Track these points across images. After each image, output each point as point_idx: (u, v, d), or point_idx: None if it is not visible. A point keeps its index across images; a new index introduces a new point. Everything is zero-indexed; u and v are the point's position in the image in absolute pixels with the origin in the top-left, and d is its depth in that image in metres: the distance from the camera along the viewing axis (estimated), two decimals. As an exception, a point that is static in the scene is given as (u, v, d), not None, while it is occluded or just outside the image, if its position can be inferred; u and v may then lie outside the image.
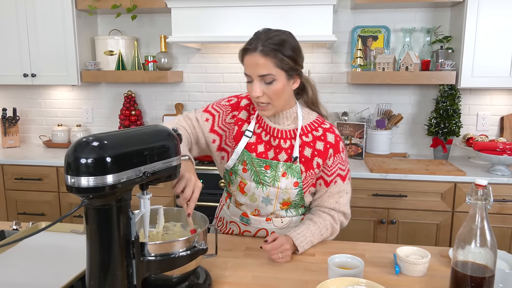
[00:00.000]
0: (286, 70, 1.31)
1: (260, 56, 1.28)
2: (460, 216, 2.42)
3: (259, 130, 1.47)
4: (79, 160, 0.89)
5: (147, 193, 1.07)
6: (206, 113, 1.51)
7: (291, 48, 1.30)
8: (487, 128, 2.93)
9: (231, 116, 1.49)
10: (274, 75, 1.29)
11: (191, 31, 2.60)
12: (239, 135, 1.47)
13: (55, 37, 2.87)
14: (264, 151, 1.45)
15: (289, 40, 1.31)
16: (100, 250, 0.95)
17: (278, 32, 1.32)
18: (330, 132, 1.45)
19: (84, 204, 0.93)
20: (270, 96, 1.33)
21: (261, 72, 1.29)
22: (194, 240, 1.08)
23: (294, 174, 1.42)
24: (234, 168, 1.47)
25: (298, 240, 1.36)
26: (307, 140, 1.43)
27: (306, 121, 1.45)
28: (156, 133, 1.05)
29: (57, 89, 3.29)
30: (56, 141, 3.19)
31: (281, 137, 1.44)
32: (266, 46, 1.27)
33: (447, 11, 2.85)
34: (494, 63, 2.56)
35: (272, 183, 1.42)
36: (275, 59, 1.28)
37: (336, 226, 1.48)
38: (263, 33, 1.31)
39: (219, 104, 1.53)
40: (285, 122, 1.45)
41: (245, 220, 1.52)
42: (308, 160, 1.43)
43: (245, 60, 1.33)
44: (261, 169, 1.43)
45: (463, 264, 1.00)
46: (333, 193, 1.46)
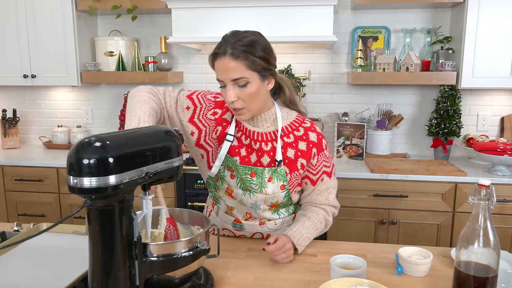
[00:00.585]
0: (258, 71, 1.26)
1: (231, 60, 1.24)
2: (461, 217, 2.42)
3: (239, 134, 1.42)
4: (82, 160, 0.88)
5: (149, 193, 1.06)
6: (189, 100, 1.43)
7: (261, 48, 1.26)
8: (487, 129, 2.93)
9: (212, 113, 1.42)
10: (247, 77, 1.25)
11: (191, 32, 2.60)
12: (222, 136, 1.42)
13: (55, 38, 2.87)
14: (247, 155, 1.40)
15: (258, 40, 1.27)
16: (102, 251, 0.95)
17: (246, 33, 1.28)
18: (311, 131, 1.42)
19: (87, 205, 0.92)
20: (245, 99, 1.28)
21: (233, 76, 1.25)
22: (197, 240, 1.07)
23: (280, 178, 1.39)
24: (220, 174, 1.42)
25: (296, 238, 1.35)
26: (289, 140, 1.40)
27: (286, 122, 1.42)
28: (158, 133, 1.05)
29: (57, 90, 3.29)
30: (56, 142, 3.19)
31: (262, 140, 1.40)
32: (236, 49, 1.23)
33: (448, 12, 2.85)
34: (494, 64, 2.56)
35: (259, 190, 1.39)
36: (246, 61, 1.24)
37: (329, 218, 1.48)
38: (231, 36, 1.27)
39: (205, 96, 1.45)
40: (265, 125, 1.40)
41: (238, 226, 1.50)
42: (291, 162, 1.40)
43: (216, 65, 1.29)
44: (246, 177, 1.39)
45: (466, 264, 1.00)
46: (321, 190, 1.46)
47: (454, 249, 1.37)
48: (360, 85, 2.99)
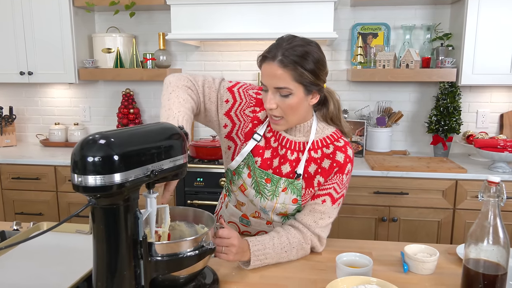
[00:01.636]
0: (305, 85, 1.20)
1: (278, 67, 1.17)
2: (461, 213, 2.42)
3: (269, 135, 1.37)
4: (86, 158, 0.86)
5: (153, 192, 1.05)
6: (230, 93, 1.37)
7: (313, 61, 1.19)
8: (486, 126, 2.93)
9: (252, 110, 1.37)
10: (291, 89, 1.19)
11: (190, 28, 2.58)
12: (250, 133, 1.37)
13: (52, 35, 2.83)
14: (270, 158, 1.35)
15: (312, 53, 1.19)
16: (107, 250, 0.93)
17: (302, 41, 1.20)
18: (341, 152, 1.32)
19: (91, 204, 0.90)
20: (284, 110, 1.23)
21: (277, 84, 1.19)
22: (202, 239, 1.06)
23: (295, 191, 1.33)
24: (238, 169, 1.38)
25: (255, 247, 1.23)
26: (315, 156, 1.33)
27: (319, 136, 1.34)
28: (163, 130, 1.03)
29: (54, 87, 3.25)
30: (53, 140, 3.15)
31: (289, 148, 1.34)
32: (286, 57, 1.17)
33: (447, 9, 2.84)
34: (494, 61, 2.55)
35: (271, 198, 1.34)
36: (294, 72, 1.17)
37: (306, 246, 1.33)
38: (286, 41, 1.20)
39: (247, 91, 1.39)
40: (297, 134, 1.35)
41: (245, 221, 1.47)
42: (310, 177, 1.33)
43: (262, 68, 1.23)
44: (261, 181, 1.34)
45: (475, 261, 0.99)
46: (315, 210, 1.33)
47: (459, 246, 1.36)
48: (360, 82, 2.98)
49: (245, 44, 3.02)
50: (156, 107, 3.20)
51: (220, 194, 1.70)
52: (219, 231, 1.17)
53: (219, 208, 1.62)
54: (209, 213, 1.19)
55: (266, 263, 1.25)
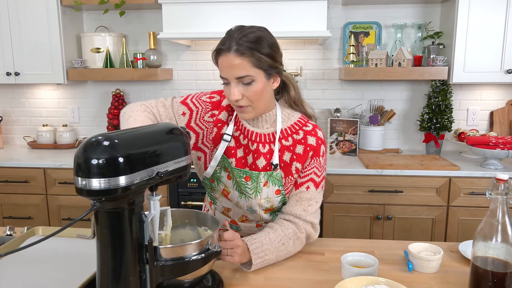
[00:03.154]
0: (264, 69, 1.21)
1: (235, 56, 1.17)
2: (455, 211, 2.43)
3: (237, 133, 1.36)
4: (90, 161, 0.83)
5: (156, 194, 1.02)
6: (183, 105, 1.38)
7: (268, 45, 1.20)
8: (477, 123, 2.96)
9: (210, 115, 1.38)
10: (252, 75, 1.19)
11: (182, 27, 2.54)
12: (218, 138, 1.37)
13: (39, 34, 2.77)
14: (243, 156, 1.35)
15: (265, 36, 1.20)
16: (112, 255, 0.90)
17: (252, 28, 1.21)
18: (311, 135, 1.33)
19: (96, 208, 0.87)
20: (249, 98, 1.22)
21: (238, 74, 1.19)
22: (208, 242, 1.03)
23: (275, 182, 1.32)
24: (216, 175, 1.37)
25: (253, 246, 1.21)
26: (287, 144, 1.33)
27: (286, 124, 1.35)
28: (167, 131, 1.00)
29: (41, 88, 3.18)
30: (41, 142, 3.08)
31: (259, 141, 1.33)
32: (241, 45, 1.17)
33: (437, 7, 2.86)
34: (485, 59, 2.58)
35: (254, 195, 1.33)
36: (252, 58, 1.18)
37: (301, 236, 1.32)
38: (236, 31, 1.21)
39: (199, 98, 1.40)
40: (264, 125, 1.34)
41: (235, 227, 1.46)
42: (286, 165, 1.33)
43: (220, 62, 1.22)
44: (241, 180, 1.33)
45: (483, 259, 0.99)
46: (302, 199, 1.33)
47: (462, 244, 1.36)
48: (352, 81, 2.98)
49: (236, 43, 2.99)
50: (146, 107, 3.15)
51: None
52: (224, 234, 1.15)
53: None
54: (213, 216, 1.17)
55: (266, 260, 1.24)
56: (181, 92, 3.11)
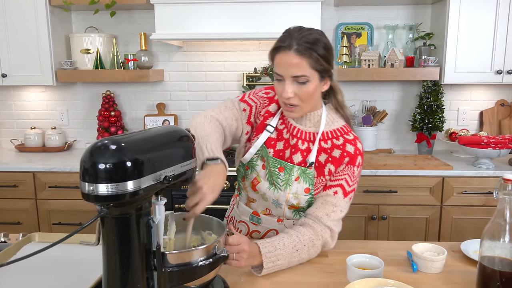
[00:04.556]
0: (319, 71, 1.24)
1: (295, 55, 1.20)
2: (448, 210, 2.46)
3: (281, 127, 1.39)
4: (97, 165, 0.81)
5: (161, 198, 1.00)
6: (243, 102, 1.43)
7: (325, 48, 1.23)
8: (467, 123, 3.00)
9: (266, 111, 1.41)
10: (308, 76, 1.22)
11: (175, 28, 2.51)
12: (261, 127, 1.40)
13: (27, 35, 2.71)
14: (282, 149, 1.38)
15: (323, 39, 1.24)
16: (119, 262, 0.88)
17: (311, 30, 1.24)
18: (351, 144, 1.34)
19: (103, 214, 0.85)
20: (301, 97, 1.25)
21: (295, 73, 1.22)
22: (215, 247, 1.02)
23: (307, 180, 1.34)
24: (252, 163, 1.40)
25: (266, 249, 1.20)
26: (325, 146, 1.35)
27: (329, 127, 1.36)
28: (173, 134, 0.98)
29: (29, 90, 3.11)
30: (29, 145, 3.02)
31: (300, 138, 1.37)
32: (301, 45, 1.20)
33: (428, 8, 2.89)
34: (475, 59, 2.61)
35: (284, 187, 1.35)
36: (310, 59, 1.21)
37: (317, 243, 1.29)
38: (297, 31, 1.23)
39: (257, 94, 1.44)
40: (307, 124, 1.37)
41: (256, 219, 1.45)
42: (320, 166, 1.34)
43: (277, 59, 1.25)
44: (275, 170, 1.36)
45: (491, 259, 0.99)
46: (327, 203, 1.32)
47: (464, 243, 1.37)
48: (344, 82, 2.98)
49: (229, 44, 2.98)
50: (137, 109, 3.12)
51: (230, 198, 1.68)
52: (229, 238, 1.13)
53: (230, 210, 1.60)
54: (218, 220, 1.15)
55: (278, 265, 1.22)
56: (173, 94, 3.08)
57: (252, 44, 2.96)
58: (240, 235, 1.17)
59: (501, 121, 2.93)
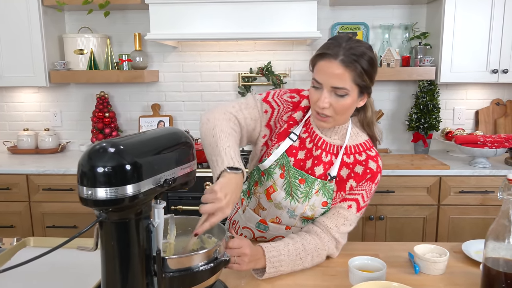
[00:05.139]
0: (360, 86, 1.18)
1: (340, 66, 1.14)
2: (445, 209, 2.46)
3: (304, 135, 1.33)
4: (96, 169, 0.79)
5: (160, 201, 0.97)
6: (266, 103, 1.35)
7: (370, 63, 1.17)
8: (463, 122, 3.00)
9: (288, 116, 1.34)
10: (348, 89, 1.16)
11: (170, 28, 2.49)
12: (284, 134, 1.33)
13: (20, 35, 2.67)
14: (303, 159, 1.32)
15: (371, 55, 1.18)
16: (119, 268, 0.86)
17: (360, 43, 1.19)
18: (373, 161, 1.30)
19: (102, 219, 0.83)
20: (336, 110, 1.20)
21: (336, 84, 1.16)
22: (216, 251, 1.00)
23: (326, 193, 1.30)
24: (269, 170, 1.32)
25: (270, 253, 1.17)
26: (348, 161, 1.30)
27: (352, 142, 1.32)
28: (172, 136, 0.96)
29: (22, 91, 3.07)
30: (22, 147, 2.98)
31: (324, 149, 1.31)
32: (348, 56, 1.14)
33: (423, 8, 2.89)
34: (471, 59, 2.61)
35: (302, 200, 1.30)
36: (354, 73, 1.15)
37: (322, 253, 1.27)
38: (345, 40, 1.17)
39: (281, 97, 1.36)
40: (333, 136, 1.31)
41: (263, 227, 1.41)
42: (342, 181, 1.31)
43: (320, 65, 1.18)
44: (295, 181, 1.30)
45: (495, 260, 0.98)
46: (339, 214, 1.30)
47: (465, 244, 1.36)
48: (340, 82, 2.97)
49: (224, 45, 2.96)
50: (132, 110, 3.08)
51: None
52: (229, 242, 1.11)
53: (234, 213, 1.54)
54: (220, 224, 1.12)
55: (280, 271, 1.20)
56: (168, 94, 3.05)
57: (248, 44, 2.94)
58: (241, 238, 1.15)
59: (497, 120, 2.94)
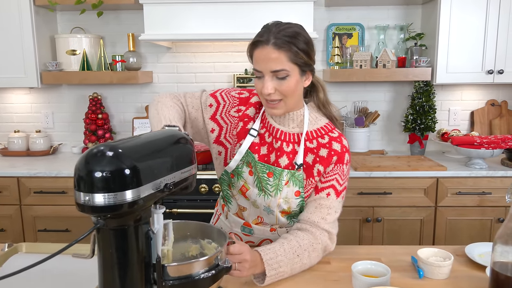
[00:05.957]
0: (299, 65, 1.20)
1: (273, 49, 1.16)
2: (443, 211, 2.44)
3: (262, 131, 1.34)
4: (93, 173, 0.75)
5: (159, 206, 0.94)
6: (212, 98, 1.38)
7: (304, 42, 1.19)
8: (458, 123, 3.00)
9: (237, 110, 1.37)
10: (287, 70, 1.18)
11: (164, 29, 2.45)
12: (243, 132, 1.34)
13: (11, 35, 2.61)
14: (267, 154, 1.32)
15: (302, 33, 1.21)
16: (118, 276, 0.82)
17: (289, 24, 1.21)
18: (337, 142, 1.30)
19: (99, 225, 0.79)
20: (282, 92, 1.21)
21: (274, 67, 1.18)
22: (217, 257, 0.96)
23: (296, 183, 1.30)
24: (237, 170, 1.33)
25: (267, 256, 1.15)
26: (311, 146, 1.30)
27: (312, 126, 1.32)
28: (171, 138, 0.93)
29: (12, 92, 3.01)
30: (13, 149, 2.92)
31: (284, 140, 1.31)
32: (279, 39, 1.16)
33: (418, 9, 2.88)
34: (466, 60, 2.61)
35: (274, 193, 1.30)
36: (289, 53, 1.17)
37: (318, 247, 1.26)
38: (274, 25, 1.20)
39: (228, 93, 1.40)
40: (291, 124, 1.32)
41: (248, 230, 1.40)
42: (309, 167, 1.30)
43: (256, 54, 1.21)
44: (263, 176, 1.30)
45: (503, 265, 0.96)
46: (321, 206, 1.29)
47: (468, 247, 1.35)
48: (336, 83, 2.96)
49: (218, 45, 2.92)
50: (125, 111, 3.04)
51: (213, 202, 1.60)
52: (230, 248, 1.08)
53: (215, 221, 1.52)
54: (219, 228, 1.09)
55: (281, 272, 1.17)
56: (162, 96, 3.01)
57: (243, 45, 2.91)
58: (242, 243, 1.12)
59: (492, 121, 2.94)
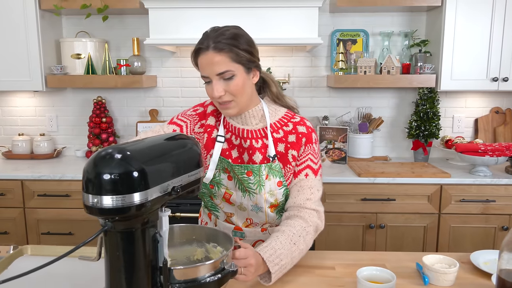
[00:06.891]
0: (243, 64, 1.24)
1: (215, 53, 1.21)
2: (446, 218, 2.44)
3: (228, 135, 1.38)
4: (102, 176, 0.76)
5: (165, 209, 0.94)
6: (172, 124, 1.41)
7: (244, 41, 1.24)
8: (462, 130, 3.00)
9: (200, 126, 1.41)
10: (232, 70, 1.23)
11: (169, 33, 2.46)
12: (210, 142, 1.38)
13: (16, 39, 2.62)
14: (239, 156, 1.37)
15: (241, 33, 1.25)
16: (125, 279, 0.82)
17: (227, 27, 1.26)
18: (301, 125, 1.36)
19: (107, 228, 0.79)
20: (232, 92, 1.25)
21: (218, 70, 1.22)
22: (223, 261, 0.96)
23: (276, 174, 1.34)
24: (215, 179, 1.37)
25: (267, 254, 1.17)
26: (278, 136, 1.36)
27: (274, 118, 1.37)
28: (180, 142, 0.93)
29: (17, 95, 3.02)
30: (17, 152, 2.92)
31: (252, 137, 1.35)
32: (219, 42, 1.21)
33: (423, 16, 2.89)
34: (471, 66, 2.61)
35: (258, 190, 1.33)
36: (231, 53, 1.21)
37: (309, 229, 1.29)
38: (212, 31, 1.25)
39: (185, 114, 1.44)
40: (253, 121, 1.36)
41: (239, 234, 1.42)
42: (283, 155, 1.35)
43: (199, 61, 1.25)
44: (243, 176, 1.34)
45: (510, 273, 0.96)
46: (303, 188, 1.33)
47: (473, 254, 1.34)
48: (340, 89, 2.97)
49: (223, 50, 2.93)
50: (129, 115, 3.05)
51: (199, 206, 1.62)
52: (235, 252, 1.08)
53: None
54: (224, 232, 1.09)
55: (283, 265, 1.19)
56: (166, 100, 3.02)
57: (247, 50, 2.92)
58: (247, 246, 1.13)
59: (496, 128, 2.93)
